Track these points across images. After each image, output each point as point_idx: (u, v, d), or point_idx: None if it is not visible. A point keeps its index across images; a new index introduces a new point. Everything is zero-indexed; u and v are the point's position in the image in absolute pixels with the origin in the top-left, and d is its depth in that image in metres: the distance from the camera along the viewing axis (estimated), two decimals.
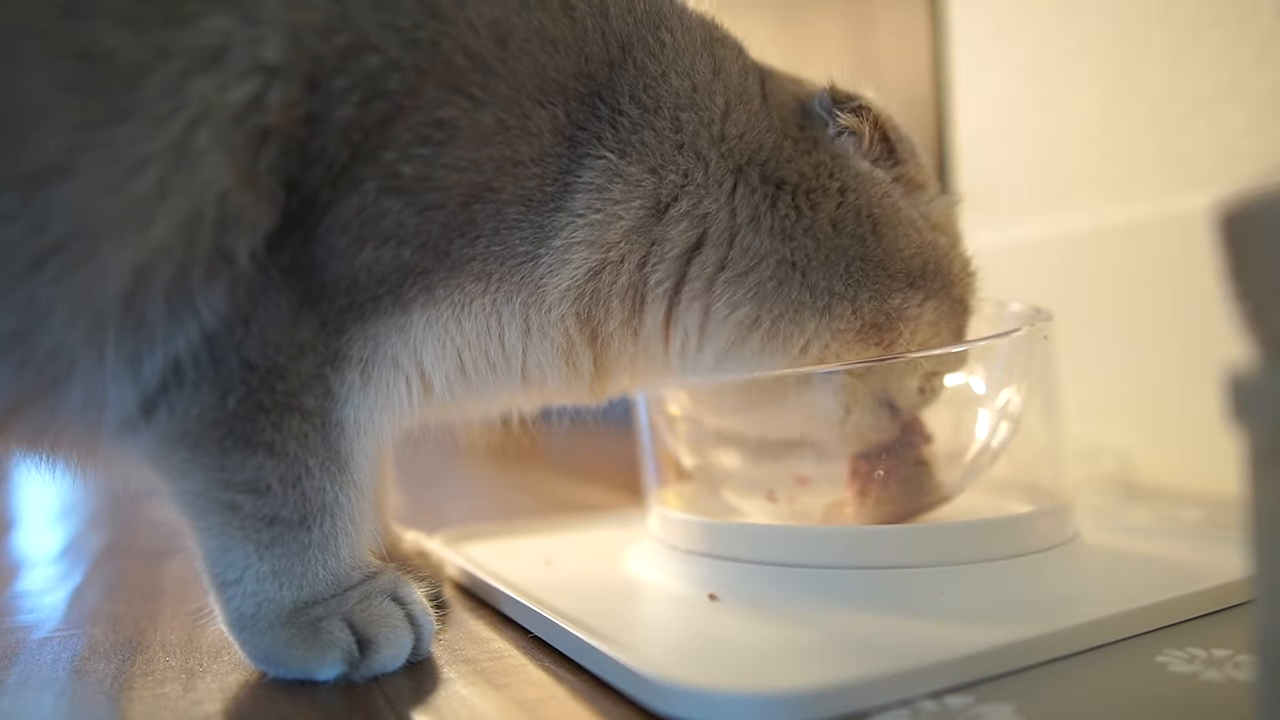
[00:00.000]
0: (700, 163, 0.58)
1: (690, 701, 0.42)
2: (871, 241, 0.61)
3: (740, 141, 0.59)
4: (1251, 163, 0.90)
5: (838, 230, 0.60)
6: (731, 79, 0.60)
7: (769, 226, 0.59)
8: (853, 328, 0.60)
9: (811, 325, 0.60)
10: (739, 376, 0.62)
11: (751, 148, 0.59)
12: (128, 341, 0.48)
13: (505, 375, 0.58)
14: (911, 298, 0.61)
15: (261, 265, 0.49)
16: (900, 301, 0.61)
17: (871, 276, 0.60)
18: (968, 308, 0.66)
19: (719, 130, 0.58)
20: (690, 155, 0.57)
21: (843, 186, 0.61)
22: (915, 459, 0.65)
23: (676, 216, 0.58)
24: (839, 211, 0.60)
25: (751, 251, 0.59)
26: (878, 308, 0.60)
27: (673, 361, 0.61)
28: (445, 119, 0.51)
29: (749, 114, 0.60)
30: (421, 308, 0.53)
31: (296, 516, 0.51)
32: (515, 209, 0.53)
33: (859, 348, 0.61)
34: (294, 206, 0.49)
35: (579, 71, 0.55)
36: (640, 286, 0.59)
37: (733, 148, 0.59)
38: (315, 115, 0.48)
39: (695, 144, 0.58)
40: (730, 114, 0.59)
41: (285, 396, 0.50)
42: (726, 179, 0.58)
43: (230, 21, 0.47)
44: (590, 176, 0.55)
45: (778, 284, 0.59)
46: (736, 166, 0.59)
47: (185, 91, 0.46)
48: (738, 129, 0.59)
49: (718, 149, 0.58)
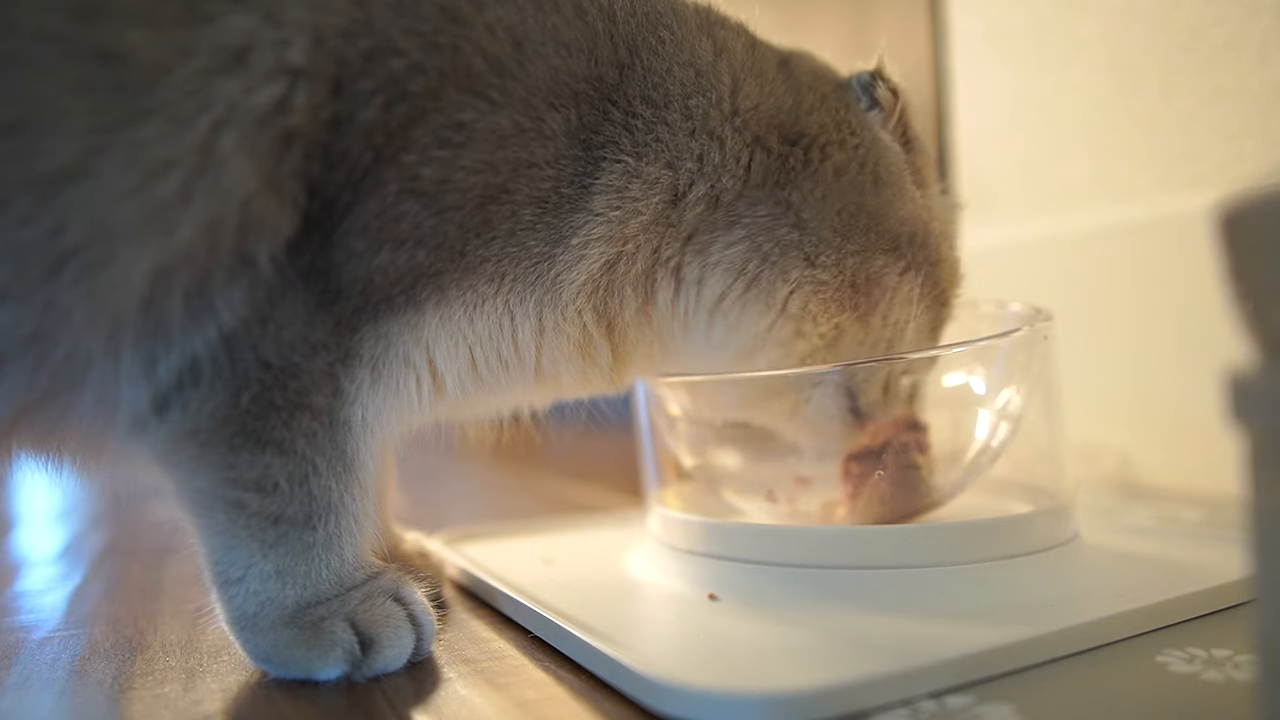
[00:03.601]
0: (715, 142, 0.58)
1: (690, 701, 0.42)
2: (869, 192, 0.61)
3: (755, 112, 0.60)
4: (1251, 163, 0.90)
5: (839, 176, 0.61)
6: (736, 55, 0.60)
7: (776, 179, 0.60)
8: (833, 283, 0.60)
9: (795, 273, 0.60)
10: (747, 375, 0.62)
11: (768, 114, 0.60)
12: (145, 343, 0.48)
13: (518, 372, 0.58)
14: (894, 264, 0.62)
15: (280, 268, 0.49)
16: (882, 264, 0.61)
17: (861, 227, 0.61)
18: (947, 303, 0.67)
19: (730, 106, 0.59)
20: (704, 138, 0.58)
21: (859, 143, 0.62)
22: (907, 462, 0.65)
23: (693, 201, 0.58)
24: (845, 161, 0.61)
25: (751, 198, 0.59)
26: (859, 264, 0.61)
27: (677, 328, 0.61)
28: (464, 121, 0.51)
29: (760, 84, 0.60)
30: (435, 306, 0.53)
31: (302, 515, 0.51)
32: (531, 210, 0.54)
33: (835, 308, 0.61)
34: (315, 210, 0.49)
35: (590, 75, 0.55)
36: (652, 269, 0.59)
37: (747, 120, 0.59)
38: (340, 118, 0.48)
39: (708, 125, 0.58)
40: (740, 88, 0.60)
41: (297, 395, 0.50)
42: (743, 153, 0.59)
43: (253, 22, 0.46)
44: (609, 179, 0.55)
45: (771, 221, 0.59)
46: (754, 137, 0.59)
47: (209, 92, 0.45)
48: (751, 101, 0.60)
49: (731, 124, 0.59)
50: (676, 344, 0.62)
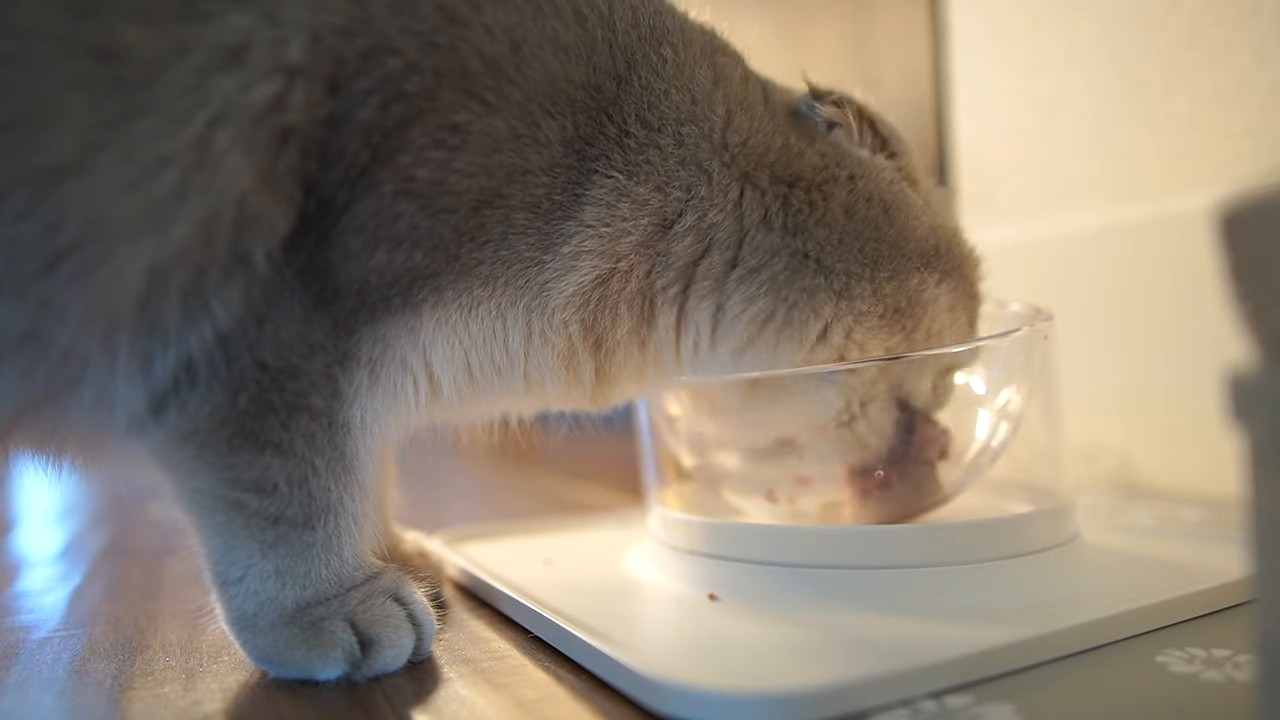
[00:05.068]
0: (703, 174, 0.58)
1: (690, 701, 0.42)
2: (884, 224, 0.61)
3: (744, 148, 0.59)
4: (1251, 163, 0.90)
5: (850, 216, 0.60)
6: (732, 86, 0.60)
7: (781, 224, 0.59)
8: (875, 311, 0.60)
9: (828, 308, 0.59)
10: (750, 374, 0.62)
11: (758, 152, 0.60)
12: (141, 341, 0.48)
13: (509, 378, 0.58)
14: (928, 278, 0.62)
15: (277, 266, 0.49)
16: (918, 282, 0.61)
17: (887, 256, 0.60)
18: (978, 295, 0.66)
19: (720, 140, 0.59)
20: (693, 168, 0.58)
21: (851, 174, 0.62)
22: (922, 458, 0.65)
23: (682, 231, 0.58)
24: (850, 198, 0.61)
25: (763, 249, 0.59)
26: (897, 288, 0.60)
27: (685, 362, 0.61)
28: (459, 124, 0.51)
29: (751, 119, 0.60)
30: (431, 309, 0.53)
31: (301, 516, 0.51)
32: (523, 215, 0.53)
33: (884, 334, 0.61)
34: (311, 209, 0.49)
35: (587, 83, 0.55)
36: (649, 293, 0.59)
37: (735, 155, 0.59)
38: (337, 117, 0.48)
39: (697, 156, 0.58)
40: (732, 122, 0.59)
41: (295, 396, 0.50)
42: (732, 188, 0.59)
43: (250, 20, 0.46)
44: (599, 193, 0.55)
45: (791, 274, 0.59)
46: (742, 173, 0.59)
47: (205, 89, 0.45)
48: (740, 135, 0.59)
49: (719, 158, 0.58)
50: (681, 372, 0.62)
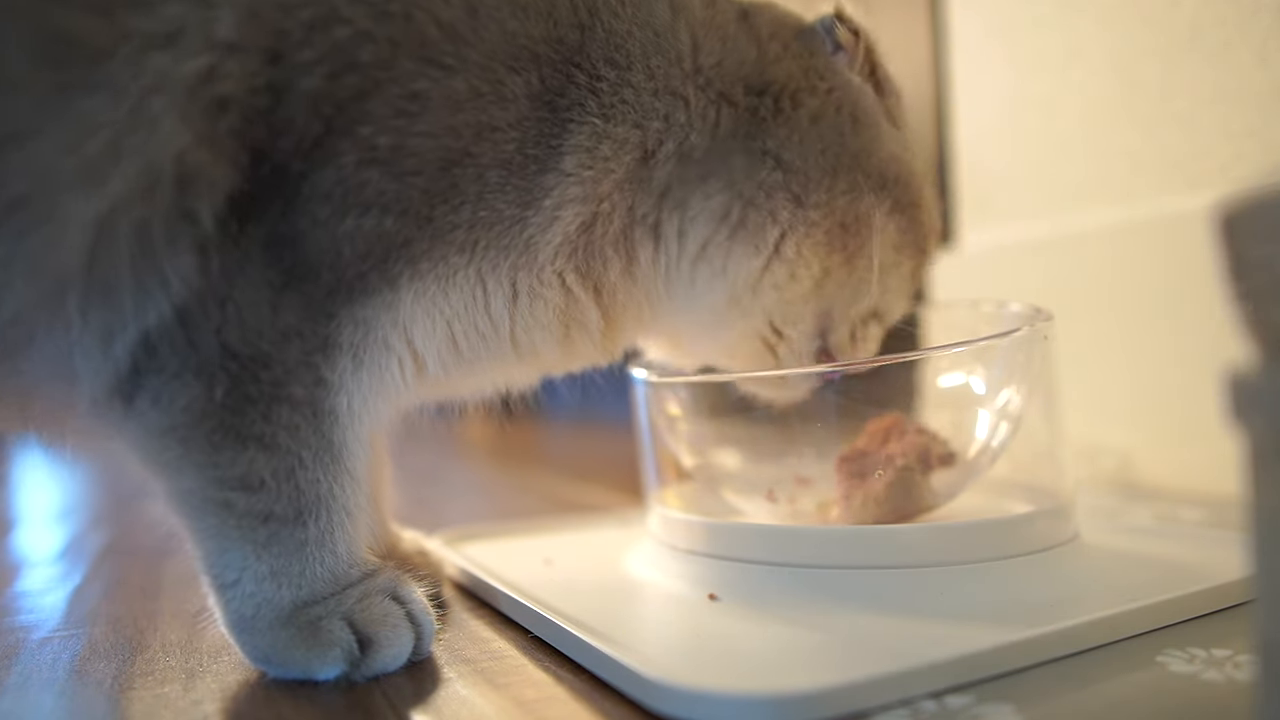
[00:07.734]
0: (679, 101, 0.59)
1: (690, 701, 0.42)
2: (849, 134, 0.62)
3: (719, 69, 0.60)
4: (1251, 163, 0.90)
5: (815, 121, 0.61)
6: (694, 13, 0.61)
7: (746, 130, 0.60)
8: (824, 224, 0.61)
9: (785, 214, 0.60)
10: (750, 374, 0.62)
11: (731, 69, 0.60)
12: (95, 310, 0.48)
13: (495, 345, 0.58)
14: (881, 204, 0.62)
15: (235, 237, 0.49)
16: (869, 205, 0.62)
17: (846, 168, 0.61)
18: (926, 252, 0.67)
19: (691, 65, 0.59)
20: (668, 98, 0.58)
21: (830, 87, 0.63)
22: (905, 464, 0.65)
23: (664, 158, 0.59)
24: (820, 106, 0.62)
25: (723, 150, 0.60)
26: (849, 203, 0.61)
27: (660, 283, 0.61)
28: (419, 91, 0.51)
29: (721, 39, 0.61)
30: (408, 281, 0.53)
31: (291, 512, 0.51)
32: (496, 173, 0.54)
33: (824, 251, 0.61)
34: (265, 174, 0.49)
35: (549, 37, 0.55)
36: (629, 227, 0.59)
37: (710, 78, 0.60)
38: (277, 85, 0.49)
39: (670, 85, 0.59)
40: (700, 47, 0.60)
41: (272, 386, 0.50)
42: (709, 109, 0.60)
43: (184, 8, 0.47)
44: (578, 140, 0.56)
45: (748, 169, 0.60)
46: (719, 93, 0.60)
47: (142, 65, 0.47)
48: (713, 58, 0.60)
49: (694, 83, 0.59)
50: (663, 301, 0.62)
